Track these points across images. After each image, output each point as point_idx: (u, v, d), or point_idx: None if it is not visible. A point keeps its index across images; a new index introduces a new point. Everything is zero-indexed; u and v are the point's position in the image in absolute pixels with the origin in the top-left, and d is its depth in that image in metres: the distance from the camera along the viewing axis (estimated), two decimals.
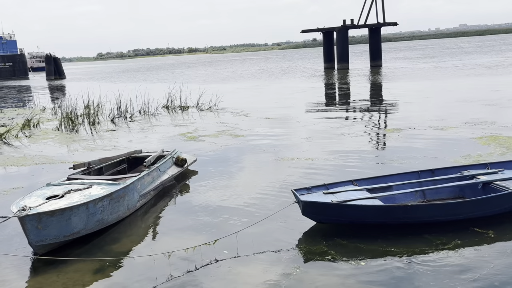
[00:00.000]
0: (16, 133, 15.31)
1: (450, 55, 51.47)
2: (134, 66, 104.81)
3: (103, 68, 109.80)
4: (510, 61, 35.79)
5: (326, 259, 5.25)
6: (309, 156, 9.94)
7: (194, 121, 16.25)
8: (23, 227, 5.43)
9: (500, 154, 8.98)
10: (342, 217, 5.91)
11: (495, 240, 5.49)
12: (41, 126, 16.99)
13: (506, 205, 6.05)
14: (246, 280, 4.90)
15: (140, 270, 5.29)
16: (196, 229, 6.38)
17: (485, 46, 68.61)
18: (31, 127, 16.63)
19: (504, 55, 44.50)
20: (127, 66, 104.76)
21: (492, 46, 67.86)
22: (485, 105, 15.49)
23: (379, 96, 21.49)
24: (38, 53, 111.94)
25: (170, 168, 8.60)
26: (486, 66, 32.37)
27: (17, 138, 14.65)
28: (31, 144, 13.66)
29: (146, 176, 7.49)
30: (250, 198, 7.45)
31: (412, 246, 5.41)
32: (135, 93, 22.83)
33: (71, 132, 15.51)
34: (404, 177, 6.93)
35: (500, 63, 34.16)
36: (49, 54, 71.55)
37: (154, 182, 7.73)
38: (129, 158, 9.07)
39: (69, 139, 14.12)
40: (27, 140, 14.35)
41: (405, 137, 11.29)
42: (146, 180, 7.48)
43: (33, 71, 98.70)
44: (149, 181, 7.57)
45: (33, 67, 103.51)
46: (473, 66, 33.78)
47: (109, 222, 6.41)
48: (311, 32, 46.07)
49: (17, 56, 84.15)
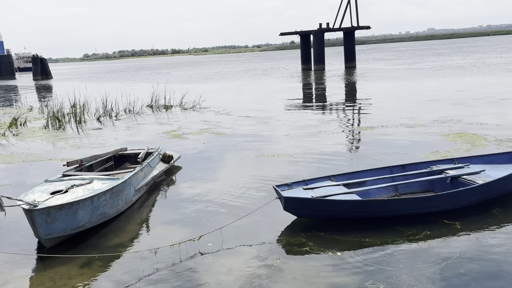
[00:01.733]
0: (3, 131, 14.98)
1: (421, 56, 52.16)
2: (120, 66, 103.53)
3: (89, 68, 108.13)
4: (476, 62, 36.48)
5: (304, 251, 5.28)
6: (288, 152, 9.97)
7: (178, 120, 16.13)
8: (33, 220, 5.35)
9: (466, 150, 9.15)
10: (322, 211, 5.95)
11: (461, 230, 5.59)
12: (28, 125, 16.65)
13: (473, 198, 6.17)
14: (228, 271, 4.89)
15: (128, 264, 5.24)
16: (184, 223, 6.35)
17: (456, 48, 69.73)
18: (18, 125, 16.29)
19: (473, 56, 45.30)
20: (113, 67, 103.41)
21: (460, 48, 69.08)
22: (452, 104, 15.75)
23: (354, 95, 21.66)
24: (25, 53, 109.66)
25: (158, 164, 8.61)
26: (453, 68, 32.90)
27: (4, 136, 14.33)
28: (18, 142, 13.37)
29: (139, 172, 7.49)
30: (233, 193, 7.43)
31: (385, 237, 5.47)
32: (120, 92, 22.58)
33: (58, 130, 15.24)
34: (377, 172, 7.01)
35: (467, 64, 34.77)
36: (36, 54, 70.16)
37: (146, 177, 7.73)
38: (115, 155, 9.04)
39: (56, 137, 13.87)
40: (15, 138, 14.05)
41: (378, 134, 11.41)
42: (140, 175, 7.49)
43: (20, 72, 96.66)
44: (142, 176, 7.58)
45: (20, 68, 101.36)
46: (442, 67, 34.30)
47: (110, 215, 6.38)
48: (290, 35, 46.14)
49: (4, 56, 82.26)
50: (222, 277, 4.78)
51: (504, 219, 5.88)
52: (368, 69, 38.32)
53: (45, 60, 70.13)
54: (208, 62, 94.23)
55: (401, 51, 78.14)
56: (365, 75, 32.77)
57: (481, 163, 7.21)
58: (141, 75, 54.46)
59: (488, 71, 28.47)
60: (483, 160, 7.27)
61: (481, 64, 34.63)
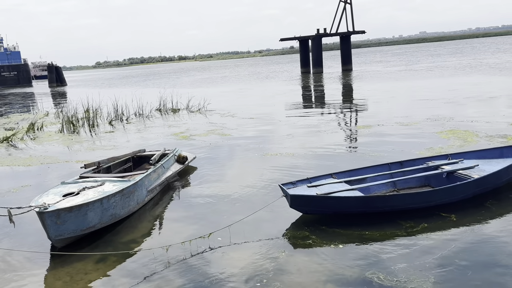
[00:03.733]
0: (22, 136, 15.01)
1: (415, 58, 51.99)
2: (130, 73, 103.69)
3: (101, 75, 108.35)
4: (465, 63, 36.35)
5: (308, 244, 5.26)
6: (291, 151, 9.95)
7: (186, 122, 16.13)
8: (43, 223, 5.34)
9: (459, 146, 9.10)
10: (327, 208, 5.92)
11: (457, 222, 5.56)
12: (45, 129, 16.67)
13: (469, 192, 6.14)
14: (237, 264, 4.88)
15: (141, 259, 5.24)
16: (194, 220, 6.33)
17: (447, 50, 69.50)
18: (36, 130, 16.32)
19: (463, 57, 45.13)
20: (123, 73, 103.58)
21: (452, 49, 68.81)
22: (444, 103, 15.69)
23: (351, 96, 21.61)
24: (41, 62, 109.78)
25: (173, 165, 8.50)
26: (444, 68, 32.78)
27: (22, 140, 14.36)
28: (36, 145, 13.40)
29: (152, 173, 7.40)
30: (241, 191, 7.37)
31: (385, 230, 5.45)
32: (130, 97, 22.63)
33: (72, 134, 15.27)
34: (376, 169, 6.98)
35: (458, 65, 34.65)
36: (51, 63, 70.33)
37: (159, 178, 7.64)
38: (134, 157, 8.97)
39: (71, 141, 13.89)
40: (32, 142, 14.08)
41: (375, 133, 11.37)
42: (153, 176, 7.40)
43: (36, 79, 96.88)
44: (155, 177, 7.49)
45: (36, 76, 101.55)
46: (434, 68, 34.18)
47: (121, 216, 6.31)
48: (289, 40, 46.07)
49: (21, 65, 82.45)
50: (231, 269, 4.77)
51: (497, 211, 5.84)
52: (364, 71, 38.21)
53: (59, 68, 70.27)
54: (214, 67, 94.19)
55: (395, 54, 77.90)
56: (361, 77, 32.68)
57: (474, 158, 7.18)
58: (151, 81, 54.49)
59: (477, 71, 28.35)
60: (476, 156, 7.23)
61: (470, 64, 34.50)
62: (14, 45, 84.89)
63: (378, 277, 4.41)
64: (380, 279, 4.37)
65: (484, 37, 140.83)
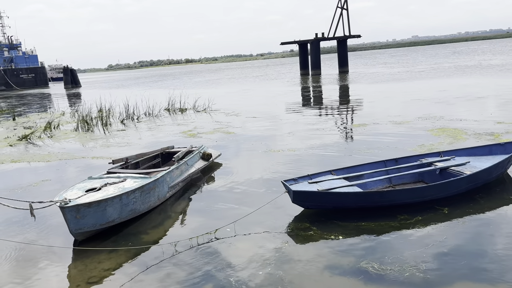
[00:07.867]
0: (39, 134, 15.04)
1: (408, 60, 51.81)
2: (140, 75, 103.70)
3: (113, 77, 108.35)
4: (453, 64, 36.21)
5: (309, 236, 5.27)
6: (292, 148, 9.94)
7: (193, 121, 16.12)
8: (64, 217, 5.35)
9: (449, 144, 9.08)
10: (327, 203, 5.91)
11: (449, 215, 5.56)
12: (61, 128, 16.70)
13: (462, 187, 6.13)
14: (243, 254, 4.90)
15: (152, 250, 5.25)
16: (205, 215, 6.32)
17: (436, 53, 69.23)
18: (52, 128, 16.35)
19: (452, 60, 44.95)
20: (134, 75, 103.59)
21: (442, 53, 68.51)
22: (435, 102, 15.64)
23: (347, 97, 21.55)
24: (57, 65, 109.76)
25: (197, 162, 8.34)
26: (435, 70, 32.66)
27: (40, 138, 14.39)
28: (53, 143, 13.43)
29: (175, 170, 7.27)
30: (247, 187, 7.33)
31: (380, 223, 5.44)
32: (140, 98, 22.61)
33: (87, 132, 15.29)
34: (373, 166, 6.97)
35: (448, 67, 34.51)
36: (66, 66, 70.28)
37: (182, 174, 7.50)
38: (163, 153, 8.84)
39: (86, 138, 13.92)
40: (50, 140, 14.11)
41: (370, 131, 11.35)
42: (175, 173, 7.27)
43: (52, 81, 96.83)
44: (177, 174, 7.35)
45: (52, 78, 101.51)
46: (426, 69, 34.05)
47: (141, 211, 6.22)
48: (289, 44, 45.97)
49: (38, 68, 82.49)
50: (237, 259, 4.78)
51: (486, 204, 5.83)
52: (360, 73, 38.09)
53: (74, 71, 70.26)
54: (219, 69, 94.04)
55: (390, 56, 77.63)
56: (357, 78, 32.59)
57: (465, 155, 7.16)
58: (159, 82, 54.49)
59: (465, 73, 28.24)
60: (466, 153, 7.21)
61: (458, 66, 34.35)
62: (32, 49, 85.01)
63: (372, 266, 4.41)
64: (374, 268, 4.37)
65: (473, 41, 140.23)
